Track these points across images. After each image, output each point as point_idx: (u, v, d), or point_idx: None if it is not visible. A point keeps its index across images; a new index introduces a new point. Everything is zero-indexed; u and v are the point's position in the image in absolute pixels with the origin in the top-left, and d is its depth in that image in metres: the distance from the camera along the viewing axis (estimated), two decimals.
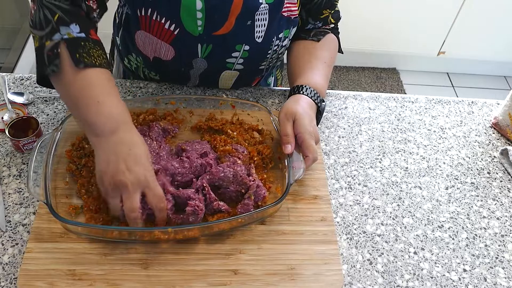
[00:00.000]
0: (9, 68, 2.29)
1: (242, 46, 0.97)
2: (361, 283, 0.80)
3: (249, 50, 0.98)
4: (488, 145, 1.08)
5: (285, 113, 0.89)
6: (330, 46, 1.06)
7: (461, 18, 2.60)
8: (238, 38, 0.95)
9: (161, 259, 0.78)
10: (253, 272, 0.78)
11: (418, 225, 0.90)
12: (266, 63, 1.05)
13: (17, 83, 1.07)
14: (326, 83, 1.00)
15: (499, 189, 0.98)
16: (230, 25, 0.93)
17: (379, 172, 0.98)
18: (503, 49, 2.78)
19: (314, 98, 0.93)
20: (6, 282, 0.75)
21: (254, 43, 0.97)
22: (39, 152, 0.83)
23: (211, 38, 0.94)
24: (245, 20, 0.93)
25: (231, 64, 1.01)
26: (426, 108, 1.15)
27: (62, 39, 0.78)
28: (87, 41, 0.80)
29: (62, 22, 0.79)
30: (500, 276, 0.84)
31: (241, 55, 0.99)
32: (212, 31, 0.93)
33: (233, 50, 0.98)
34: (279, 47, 1.02)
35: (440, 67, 2.93)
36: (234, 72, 1.04)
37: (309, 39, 1.04)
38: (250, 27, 0.94)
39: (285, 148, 0.86)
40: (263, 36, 0.97)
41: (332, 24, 1.07)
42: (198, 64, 1.01)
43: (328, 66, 1.02)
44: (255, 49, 0.98)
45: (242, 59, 1.00)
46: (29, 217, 0.83)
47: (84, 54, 0.78)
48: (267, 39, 0.98)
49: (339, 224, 0.88)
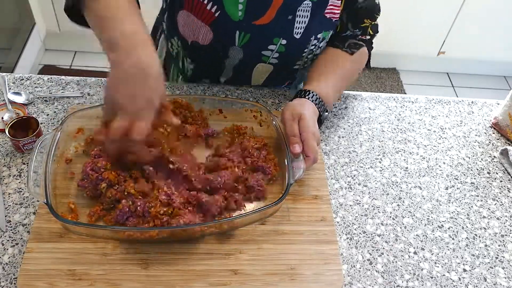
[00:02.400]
0: (9, 68, 2.30)
1: (280, 39, 0.97)
2: (361, 283, 0.80)
3: (286, 44, 0.98)
4: (488, 145, 1.08)
5: (290, 113, 0.89)
6: (359, 61, 1.06)
7: (461, 18, 2.60)
8: (277, 30, 0.96)
9: (161, 259, 0.78)
10: (253, 272, 0.78)
11: (418, 225, 0.90)
12: (301, 63, 1.06)
13: (17, 83, 1.07)
14: (336, 95, 1.00)
15: (499, 189, 0.98)
16: (270, 16, 0.94)
17: (379, 172, 0.98)
18: (503, 49, 2.78)
19: (318, 106, 0.93)
20: (6, 282, 0.75)
21: (292, 39, 0.98)
22: (39, 152, 0.83)
23: (250, 26, 0.95)
24: (287, 13, 0.94)
25: (266, 58, 1.02)
26: (426, 108, 1.15)
27: None
28: None
29: None
30: (500, 276, 0.84)
31: (277, 49, 0.99)
32: (252, 19, 0.94)
33: (270, 42, 0.98)
34: (316, 47, 1.02)
35: (440, 67, 2.93)
36: (268, 66, 1.04)
37: (343, 50, 1.03)
38: (290, 22, 0.95)
39: (293, 148, 0.86)
40: (302, 33, 0.97)
41: (369, 35, 1.06)
42: (234, 54, 1.01)
43: (347, 80, 1.03)
44: (292, 44, 0.99)
45: (278, 53, 1.00)
46: (29, 217, 0.83)
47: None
48: (305, 37, 0.98)
49: (339, 224, 0.88)
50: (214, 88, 1.11)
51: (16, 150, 0.93)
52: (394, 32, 2.67)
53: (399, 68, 2.93)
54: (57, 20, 2.56)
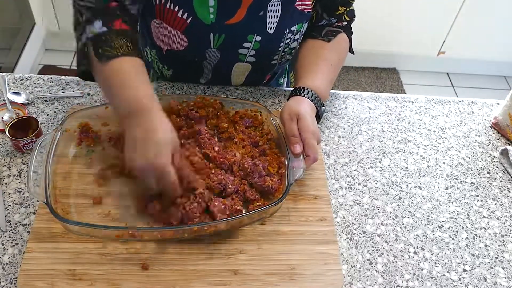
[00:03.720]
0: (9, 68, 2.30)
1: (254, 36, 0.98)
2: (361, 283, 0.80)
3: (260, 41, 0.99)
4: (488, 145, 1.08)
5: (288, 113, 0.89)
6: (340, 47, 1.05)
7: (461, 18, 2.60)
8: (250, 28, 0.97)
9: (161, 259, 0.78)
10: (253, 272, 0.78)
11: (418, 225, 0.90)
12: (278, 57, 1.05)
13: (17, 83, 1.07)
14: (329, 86, 1.00)
15: (499, 189, 0.98)
16: (242, 14, 0.94)
17: (379, 172, 0.98)
18: (503, 49, 2.78)
19: (314, 102, 0.93)
20: (6, 282, 0.75)
21: (266, 34, 0.98)
22: (39, 152, 0.83)
23: (223, 27, 0.96)
24: (258, 10, 0.94)
25: (243, 56, 1.02)
26: (426, 108, 1.15)
27: (88, 38, 0.81)
28: (108, 34, 0.81)
29: (88, 21, 0.82)
30: (500, 276, 0.84)
31: (253, 46, 1.00)
32: (225, 20, 0.95)
33: (245, 40, 0.98)
34: (291, 40, 1.02)
35: (440, 67, 2.93)
36: (246, 65, 1.04)
37: (319, 39, 1.03)
38: (262, 18, 0.95)
39: (294, 149, 0.86)
40: (275, 28, 0.97)
41: (346, 21, 1.06)
42: (210, 55, 1.01)
43: (334, 69, 1.02)
44: (267, 40, 0.99)
45: (254, 50, 1.01)
46: (29, 217, 0.83)
47: (106, 48, 0.80)
48: (279, 31, 0.98)
49: (339, 224, 0.88)
50: (214, 88, 1.11)
51: (16, 150, 0.93)
52: (394, 32, 2.67)
53: (399, 68, 2.93)
54: (57, 20, 2.56)
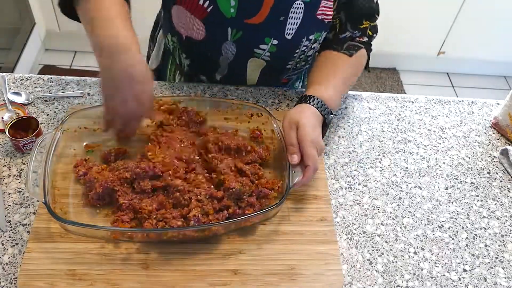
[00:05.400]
0: (9, 68, 2.30)
1: (271, 40, 0.98)
2: (361, 283, 0.80)
3: (277, 45, 0.99)
4: (488, 145, 1.08)
5: (288, 121, 0.88)
6: (358, 64, 1.04)
7: (461, 18, 2.60)
8: (268, 31, 0.97)
9: (161, 259, 0.78)
10: (253, 272, 0.78)
11: (418, 225, 0.90)
12: (293, 63, 1.06)
13: (17, 83, 1.07)
14: (339, 97, 0.98)
15: (499, 189, 0.98)
16: (262, 15, 0.94)
17: (379, 172, 0.98)
18: (503, 49, 2.78)
19: (321, 110, 0.91)
20: (6, 282, 0.75)
21: (283, 39, 0.98)
22: (39, 152, 0.83)
23: (242, 24, 0.96)
24: (279, 14, 0.95)
25: (259, 55, 1.02)
26: (426, 108, 1.15)
27: None
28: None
29: None
30: (500, 276, 0.84)
31: (269, 49, 1.00)
32: (245, 17, 0.95)
33: (262, 42, 0.99)
34: (308, 48, 1.02)
35: (440, 67, 2.93)
36: (261, 61, 1.04)
37: (341, 52, 1.02)
38: (282, 22, 0.96)
39: (291, 159, 0.84)
40: (293, 34, 0.98)
41: (367, 37, 1.05)
42: (227, 51, 1.02)
43: (347, 83, 1.01)
44: (283, 45, 0.99)
45: (269, 53, 1.01)
46: (29, 217, 0.83)
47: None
48: (297, 38, 0.98)
49: (339, 224, 0.88)
50: (214, 88, 1.11)
51: (16, 150, 0.93)
52: (394, 32, 2.66)
53: (399, 68, 2.93)
54: (57, 20, 2.56)
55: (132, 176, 0.82)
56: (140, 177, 0.82)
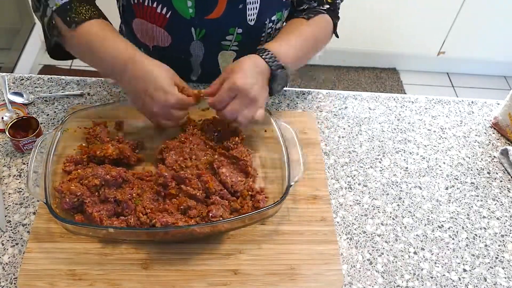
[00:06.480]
0: (9, 68, 2.30)
1: (235, 29, 0.99)
2: (361, 283, 0.80)
3: (242, 33, 1.00)
4: (488, 145, 1.08)
5: (225, 70, 0.87)
6: (319, 25, 1.02)
7: (461, 18, 2.60)
8: (230, 21, 0.98)
9: (161, 259, 0.78)
10: (253, 272, 0.78)
11: (418, 225, 0.90)
12: None
13: (17, 83, 1.07)
14: (295, 54, 0.94)
15: (499, 189, 0.98)
16: (221, 9, 0.95)
17: (379, 172, 0.98)
18: (503, 49, 2.78)
19: (269, 61, 0.87)
20: (6, 282, 0.75)
21: (247, 26, 0.99)
22: (39, 152, 0.83)
23: (203, 22, 0.97)
24: (237, 3, 0.95)
25: (227, 46, 1.03)
26: (426, 108, 1.15)
27: (53, 11, 0.86)
28: (71, 2, 0.86)
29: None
30: (500, 276, 0.84)
31: (235, 38, 1.01)
32: (204, 14, 0.96)
33: (226, 33, 1.00)
34: (273, 30, 1.03)
35: (440, 67, 2.93)
36: (231, 52, 1.05)
37: (300, 17, 1.01)
38: (242, 10, 0.96)
39: None
40: (255, 19, 0.98)
41: (327, 4, 1.03)
42: (195, 51, 1.02)
43: (306, 39, 0.98)
44: (248, 32, 1.00)
45: (237, 42, 1.02)
46: (29, 217, 0.83)
47: (73, 15, 0.85)
48: (259, 22, 0.99)
49: (339, 224, 0.88)
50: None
51: (16, 150, 0.93)
52: (394, 32, 2.67)
53: (399, 68, 2.93)
54: None
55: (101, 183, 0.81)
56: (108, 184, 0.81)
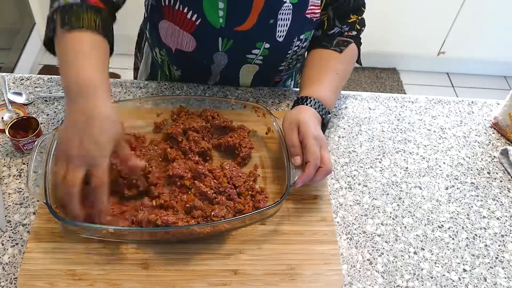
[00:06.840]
0: (9, 68, 2.30)
1: (263, 44, 0.98)
2: (361, 283, 0.80)
3: (269, 48, 0.99)
4: (488, 145, 1.08)
5: (289, 122, 0.87)
6: (349, 58, 1.04)
7: (461, 18, 2.60)
8: (259, 35, 0.96)
9: (161, 259, 0.78)
10: (253, 272, 0.78)
11: (418, 225, 0.90)
12: (286, 64, 1.06)
13: (17, 83, 1.07)
14: (334, 96, 0.98)
15: (499, 189, 0.98)
16: (252, 21, 0.94)
17: (379, 172, 0.98)
18: (503, 49, 2.78)
19: (318, 110, 0.91)
20: (6, 282, 0.75)
21: (275, 42, 0.98)
22: (39, 152, 0.83)
23: (232, 33, 0.95)
24: (268, 18, 0.94)
25: (251, 59, 1.02)
26: (426, 108, 1.15)
27: (59, 5, 0.83)
28: (81, 6, 0.83)
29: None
30: (500, 276, 0.84)
31: (261, 53, 1.00)
32: (234, 26, 0.95)
33: (253, 47, 0.98)
34: (299, 48, 1.02)
35: (440, 67, 2.93)
36: (254, 66, 1.04)
37: (331, 49, 1.01)
38: (272, 26, 0.95)
39: (294, 161, 0.84)
40: (284, 36, 0.97)
41: (356, 31, 1.05)
42: (218, 59, 1.01)
43: (340, 78, 1.00)
44: (275, 48, 0.99)
45: (262, 56, 1.01)
46: (29, 217, 0.83)
47: (72, 18, 0.81)
48: (288, 39, 0.98)
49: (339, 224, 0.88)
50: (214, 88, 1.11)
51: (16, 150, 0.93)
52: (394, 32, 2.67)
53: (399, 68, 2.94)
54: None
55: None
56: None
